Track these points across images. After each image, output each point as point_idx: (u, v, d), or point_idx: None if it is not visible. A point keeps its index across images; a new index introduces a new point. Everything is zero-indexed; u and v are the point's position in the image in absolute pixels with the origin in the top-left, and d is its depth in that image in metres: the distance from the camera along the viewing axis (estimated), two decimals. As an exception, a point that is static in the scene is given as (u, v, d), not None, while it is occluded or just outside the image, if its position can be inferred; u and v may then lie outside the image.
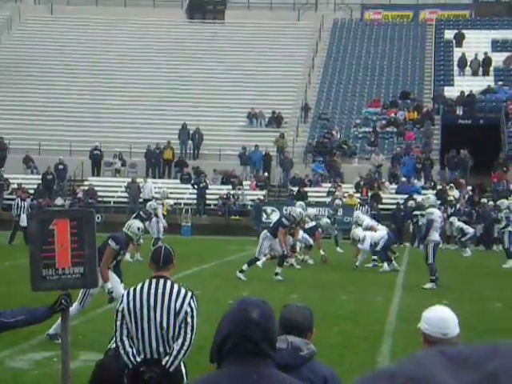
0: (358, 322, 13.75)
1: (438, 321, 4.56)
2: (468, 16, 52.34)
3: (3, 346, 10.63)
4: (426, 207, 20.87)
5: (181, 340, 6.34)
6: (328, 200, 35.81)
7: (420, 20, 51.94)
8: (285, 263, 20.69)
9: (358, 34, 51.09)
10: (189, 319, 6.35)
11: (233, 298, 3.52)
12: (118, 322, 6.44)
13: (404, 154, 40.33)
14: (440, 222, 20.12)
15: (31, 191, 37.30)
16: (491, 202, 33.98)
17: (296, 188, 37.98)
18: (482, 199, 35.01)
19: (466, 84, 44.93)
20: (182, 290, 6.45)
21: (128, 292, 6.55)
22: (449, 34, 49.77)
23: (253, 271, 19.81)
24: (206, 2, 54.77)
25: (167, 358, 6.36)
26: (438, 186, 37.72)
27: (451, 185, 37.25)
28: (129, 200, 38.06)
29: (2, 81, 46.53)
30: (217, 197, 38.34)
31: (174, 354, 6.35)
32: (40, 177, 39.07)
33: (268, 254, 21.05)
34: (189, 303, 6.38)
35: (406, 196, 35.99)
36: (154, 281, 6.49)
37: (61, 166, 39.52)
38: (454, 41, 49.00)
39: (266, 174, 40.08)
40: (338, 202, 32.95)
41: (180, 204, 37.18)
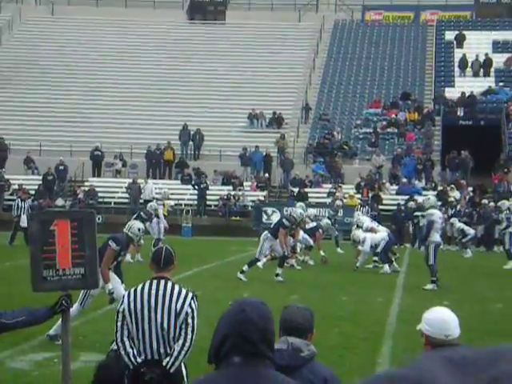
0: (358, 323, 13.75)
1: (439, 322, 4.53)
2: (469, 17, 52.32)
3: (4, 346, 10.64)
4: (426, 208, 20.86)
5: (181, 341, 6.35)
6: (328, 201, 35.81)
7: (421, 21, 51.92)
8: (285, 264, 20.69)
9: (358, 35, 51.08)
10: (189, 320, 6.35)
11: (233, 299, 3.51)
12: (119, 323, 6.44)
13: (405, 155, 40.31)
14: (440, 223, 20.12)
15: (32, 192, 37.27)
16: (492, 203, 33.97)
17: (296, 189, 37.97)
18: (482, 200, 35.00)
19: (467, 85, 44.91)
20: (183, 291, 6.45)
21: (129, 293, 6.55)
22: (450, 35, 49.76)
23: (253, 272, 19.81)
24: (206, 3, 54.73)
25: (168, 358, 6.37)
26: (439, 187, 37.70)
27: (452, 186, 37.24)
28: (129, 201, 38.05)
29: (2, 81, 46.53)
30: (217, 198, 38.34)
31: (175, 354, 6.35)
32: (41, 177, 39.06)
33: (268, 254, 21.05)
34: (189, 304, 6.38)
35: (406, 197, 35.98)
36: (154, 282, 6.49)
37: (61, 167, 39.52)
38: (455, 42, 48.99)
39: (266, 174, 40.06)
40: (338, 202, 32.95)
41: (181, 205, 37.19)
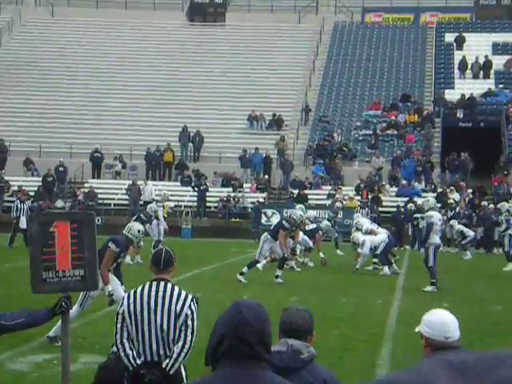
0: (357, 325, 13.74)
1: (439, 324, 4.51)
2: (469, 19, 52.34)
3: (3, 348, 10.63)
4: (425, 210, 20.86)
5: (181, 343, 6.34)
6: (328, 202, 35.83)
7: (421, 23, 51.94)
8: (285, 266, 20.69)
9: (358, 37, 51.10)
10: (189, 322, 6.35)
11: (233, 301, 3.51)
12: (119, 325, 6.44)
13: (404, 157, 40.31)
14: (440, 225, 20.12)
15: (31, 193, 37.30)
16: (492, 205, 33.97)
17: (296, 190, 37.97)
18: (482, 202, 35.00)
19: (467, 87, 44.91)
20: (183, 293, 6.45)
21: (128, 294, 6.55)
22: (449, 37, 49.77)
23: (253, 274, 19.80)
24: (206, 5, 54.75)
25: (167, 360, 6.36)
26: (439, 189, 37.70)
27: (452, 188, 37.24)
28: (129, 202, 38.06)
29: (2, 83, 46.55)
30: (217, 199, 38.34)
31: (175, 356, 6.35)
32: (40, 179, 39.06)
33: (268, 256, 21.05)
34: (189, 306, 6.38)
35: (406, 199, 35.98)
36: (154, 283, 6.48)
37: (61, 169, 39.52)
38: (455, 44, 49.00)
39: (266, 176, 40.06)
40: (338, 204, 32.98)
41: (180, 206, 37.20)
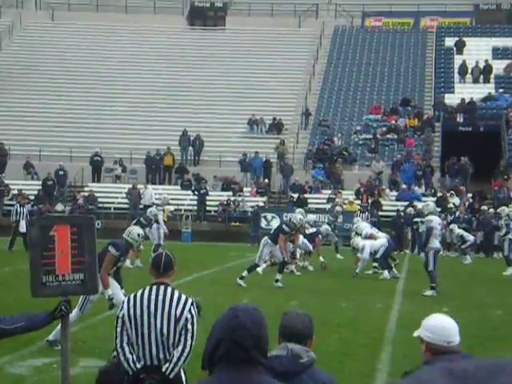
0: (357, 329, 13.74)
1: (440, 329, 4.48)
2: (469, 23, 52.37)
3: (3, 352, 10.62)
4: (425, 214, 20.87)
5: (181, 347, 6.34)
6: (328, 207, 35.82)
7: (421, 27, 51.98)
8: (285, 270, 20.68)
9: (358, 41, 51.13)
10: (189, 326, 6.34)
11: (233, 305, 3.53)
12: (119, 329, 6.43)
13: (404, 161, 40.31)
14: (440, 230, 20.11)
15: (32, 197, 37.32)
16: (492, 210, 33.97)
17: (296, 195, 37.96)
18: (482, 206, 34.99)
19: (467, 91, 44.94)
20: (183, 297, 6.44)
21: (128, 298, 6.54)
22: (449, 42, 49.80)
23: (253, 278, 19.80)
24: (206, 9, 54.80)
25: (167, 364, 6.36)
26: (439, 193, 37.69)
27: (451, 192, 37.24)
28: (129, 206, 38.04)
29: (2, 86, 46.56)
30: (217, 203, 38.34)
31: (174, 360, 6.34)
32: (40, 183, 39.05)
33: (268, 260, 21.05)
34: (189, 310, 6.37)
35: (406, 203, 35.98)
36: (154, 287, 6.48)
37: (61, 172, 39.52)
38: (455, 48, 49.03)
39: (266, 180, 40.07)
40: (338, 208, 32.98)
41: (180, 210, 37.17)
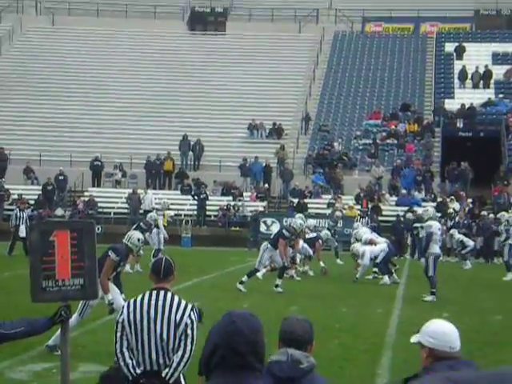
0: (358, 335, 13.72)
1: (443, 334, 4.42)
2: (468, 29, 52.43)
3: (3, 357, 10.62)
4: (425, 220, 20.86)
5: (181, 352, 6.33)
6: (328, 212, 35.82)
7: (421, 33, 52.04)
8: (285, 275, 20.67)
9: (358, 47, 51.17)
10: (189, 331, 6.34)
11: (229, 310, 3.55)
12: (118, 334, 6.43)
13: (404, 166, 40.33)
14: (440, 235, 20.10)
15: (32, 202, 37.33)
16: (491, 215, 33.96)
17: (296, 199, 37.96)
18: (482, 212, 34.98)
19: (467, 97, 44.97)
20: (183, 302, 6.44)
21: (128, 303, 6.54)
22: (449, 47, 49.84)
23: (253, 283, 19.79)
24: (207, 14, 54.90)
25: (167, 369, 6.35)
26: (439, 199, 37.68)
27: (451, 197, 37.23)
28: (129, 211, 38.04)
29: (2, 92, 46.58)
30: (217, 208, 38.33)
31: (174, 365, 6.34)
32: (40, 187, 39.05)
33: (268, 265, 21.04)
34: (189, 315, 6.37)
35: (406, 208, 35.98)
36: (154, 292, 6.47)
37: (61, 177, 39.52)
38: (455, 53, 49.06)
39: (266, 185, 40.07)
40: (338, 213, 32.98)
41: (180, 215, 37.18)
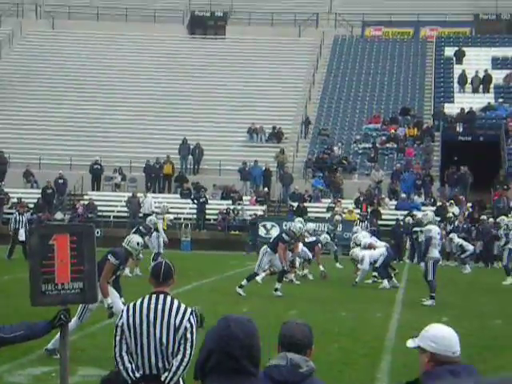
0: (357, 339, 13.71)
1: (444, 339, 4.40)
2: (468, 33, 52.45)
3: (2, 360, 10.60)
4: (424, 224, 20.87)
5: (180, 356, 6.33)
6: (328, 216, 35.82)
7: (420, 37, 52.05)
8: (284, 279, 20.66)
9: (358, 51, 51.19)
10: (188, 335, 6.33)
11: (225, 315, 3.55)
12: (118, 338, 6.42)
13: (404, 171, 40.34)
14: (439, 239, 20.10)
15: (31, 205, 37.31)
16: (491, 219, 33.96)
17: (296, 203, 37.97)
18: (481, 216, 34.99)
19: (466, 101, 44.98)
20: (182, 306, 6.44)
21: (128, 307, 6.53)
22: (449, 51, 49.86)
23: (252, 286, 19.78)
24: (206, 18, 54.92)
25: (166, 373, 6.35)
26: (438, 203, 37.69)
27: (451, 201, 37.24)
28: (129, 215, 38.03)
29: (2, 95, 46.60)
30: (217, 212, 38.33)
31: (173, 369, 6.33)
32: (40, 191, 39.05)
33: (268, 269, 21.03)
34: (188, 319, 6.37)
35: (405, 212, 35.98)
36: (153, 296, 6.47)
37: (61, 181, 39.51)
38: (455, 58, 49.08)
39: (265, 189, 40.06)
40: (337, 217, 32.97)
41: (180, 219, 37.18)
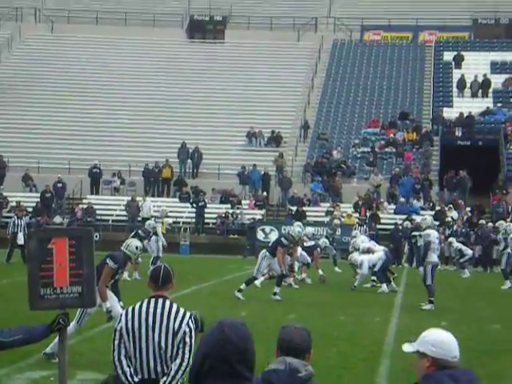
0: (356, 343, 13.70)
1: (446, 344, 4.39)
2: (467, 38, 52.51)
3: (1, 364, 10.59)
4: (423, 229, 20.87)
5: (179, 360, 6.32)
6: (326, 220, 35.82)
7: (419, 41, 52.10)
8: (283, 283, 20.66)
9: (357, 55, 51.23)
10: (187, 339, 6.33)
11: (220, 319, 3.55)
12: (116, 342, 6.41)
13: (403, 175, 40.35)
14: (438, 244, 20.10)
15: (30, 209, 37.29)
16: (490, 224, 33.96)
17: (295, 207, 37.97)
18: (480, 220, 34.98)
19: (465, 105, 45.01)
20: (181, 310, 6.43)
21: (126, 311, 6.52)
22: (448, 56, 49.91)
23: (251, 290, 19.77)
24: (206, 22, 54.98)
25: (165, 378, 6.33)
26: (437, 207, 37.71)
27: (450, 206, 37.25)
28: (127, 219, 38.02)
29: (1, 99, 46.60)
30: (215, 216, 38.33)
31: (172, 374, 6.32)
32: (39, 195, 39.04)
33: (266, 273, 21.02)
34: (187, 323, 6.36)
35: (404, 216, 35.99)
36: (152, 300, 6.46)
37: (59, 184, 39.51)
38: (453, 62, 49.12)
39: (264, 193, 40.07)
40: (336, 221, 32.95)
41: (179, 223, 37.15)
